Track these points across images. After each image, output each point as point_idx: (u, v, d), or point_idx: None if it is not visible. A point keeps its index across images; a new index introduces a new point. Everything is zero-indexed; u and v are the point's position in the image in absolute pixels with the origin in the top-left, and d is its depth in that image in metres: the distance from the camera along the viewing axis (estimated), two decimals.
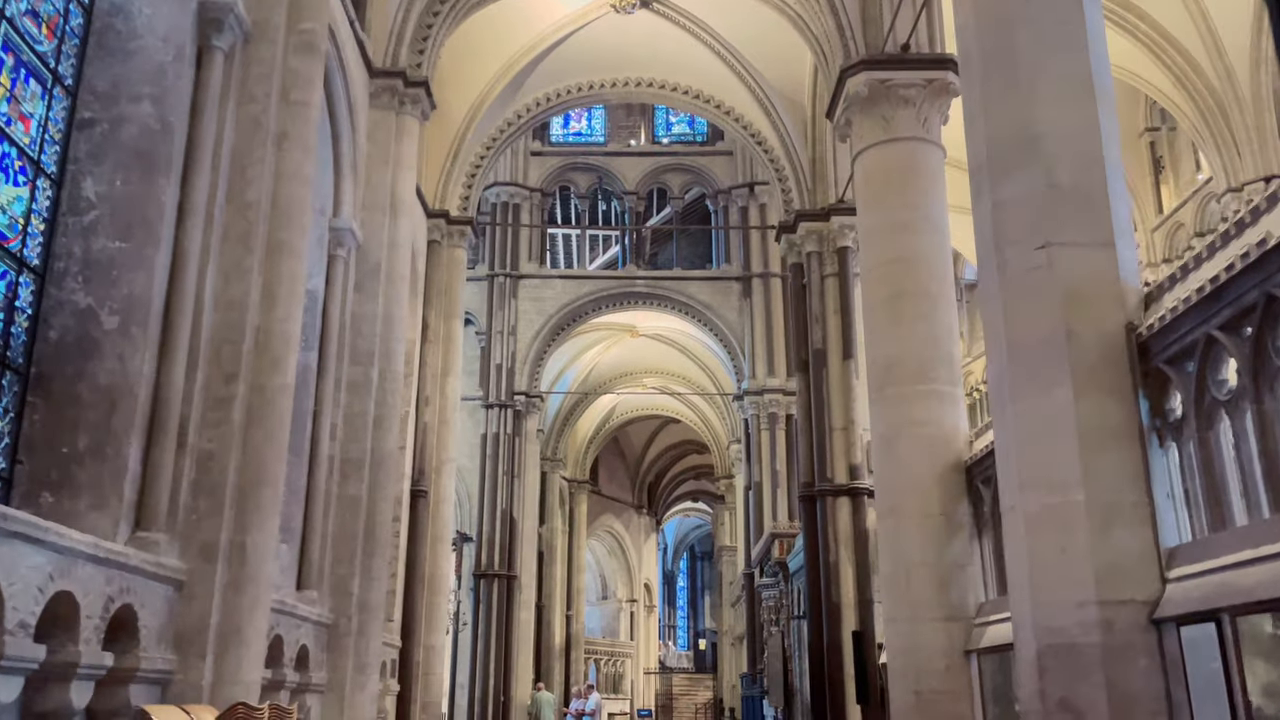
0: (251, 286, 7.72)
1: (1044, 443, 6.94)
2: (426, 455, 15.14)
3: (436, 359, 15.61)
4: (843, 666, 14.18)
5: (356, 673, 10.67)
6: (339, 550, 10.90)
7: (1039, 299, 7.17)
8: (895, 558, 10.77)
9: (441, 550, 15.10)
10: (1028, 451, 7.07)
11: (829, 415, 15.13)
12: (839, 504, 14.76)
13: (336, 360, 11.26)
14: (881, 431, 11.21)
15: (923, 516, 10.60)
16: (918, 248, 11.43)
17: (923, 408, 10.94)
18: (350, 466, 11.17)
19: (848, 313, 15.35)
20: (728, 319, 26.36)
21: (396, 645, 14.11)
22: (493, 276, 26.31)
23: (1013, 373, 7.26)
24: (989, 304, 7.66)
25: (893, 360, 11.21)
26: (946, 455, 10.79)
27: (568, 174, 27.69)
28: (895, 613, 10.71)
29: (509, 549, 24.61)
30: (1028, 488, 7.00)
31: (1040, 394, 7.02)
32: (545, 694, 23.96)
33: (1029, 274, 7.26)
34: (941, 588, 10.39)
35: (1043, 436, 6.96)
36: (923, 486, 10.68)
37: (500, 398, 25.47)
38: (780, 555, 19.02)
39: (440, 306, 15.85)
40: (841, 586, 14.46)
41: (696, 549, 59.30)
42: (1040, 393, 7.02)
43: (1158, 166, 27.97)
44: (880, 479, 11.26)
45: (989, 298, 7.65)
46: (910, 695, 10.35)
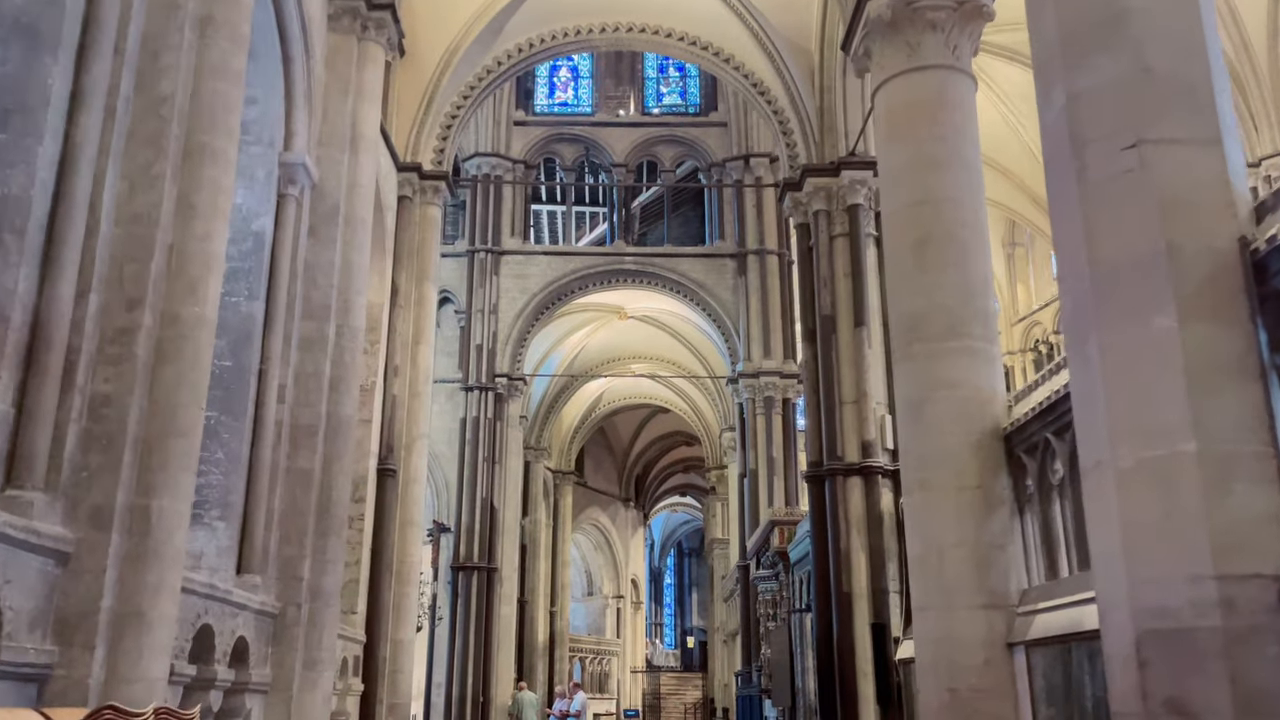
0: (164, 196, 6.29)
1: (1141, 383, 5.57)
2: (395, 431, 13.71)
3: (407, 326, 14.19)
4: (855, 663, 12.85)
5: (306, 669, 9.26)
6: (288, 529, 9.47)
7: (1130, 208, 5.79)
8: (925, 538, 9.41)
9: (412, 536, 13.68)
10: (1119, 394, 5.69)
11: (839, 388, 13.79)
12: (850, 484, 13.41)
13: (287, 313, 9.84)
14: (907, 395, 9.85)
15: (957, 490, 9.24)
16: (948, 187, 10.05)
17: (955, 367, 9.57)
18: (302, 434, 9.75)
19: (859, 276, 14.02)
20: (721, 298, 24.99)
21: (360, 640, 12.69)
22: (473, 252, 24.86)
23: (1097, 300, 5.88)
24: (1063, 221, 6.28)
25: (920, 315, 9.83)
26: (983, 421, 9.43)
27: (553, 145, 26.26)
28: (925, 600, 9.35)
29: (489, 540, 23.17)
30: (1121, 439, 5.63)
31: (1135, 324, 5.65)
32: (527, 694, 22.55)
33: (1116, 179, 5.88)
34: (979, 571, 9.03)
35: (1139, 375, 5.59)
36: (956, 456, 9.32)
37: (480, 380, 24.03)
38: (781, 544, 17.68)
39: (412, 269, 14.43)
40: (854, 575, 13.12)
41: (684, 545, 58.01)
42: (1135, 322, 5.65)
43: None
44: (906, 449, 9.90)
45: (1063, 213, 6.27)
46: (943, 694, 8.98)
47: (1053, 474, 8.74)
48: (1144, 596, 5.42)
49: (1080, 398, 6.14)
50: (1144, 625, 5.38)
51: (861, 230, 14.19)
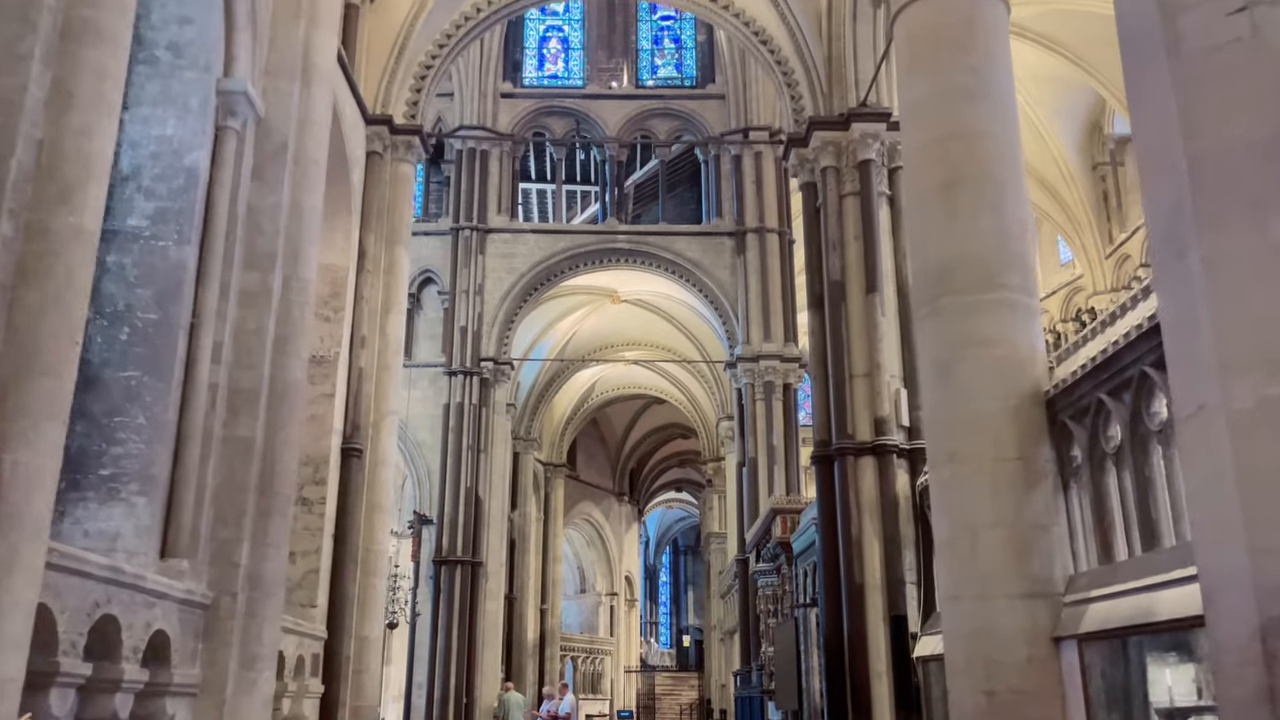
0: (30, 81, 5.04)
1: (1262, 301, 4.37)
2: (362, 407, 12.46)
3: (376, 293, 12.93)
4: (868, 662, 11.63)
5: (243, 668, 8.00)
6: (223, 508, 8.22)
7: (1241, 84, 4.58)
8: (955, 517, 8.18)
9: (379, 522, 12.43)
10: (1233, 317, 4.46)
11: (849, 360, 12.56)
12: (862, 465, 12.18)
13: (224, 262, 8.58)
14: (934, 355, 8.61)
15: (992, 462, 8.01)
16: (980, 119, 8.82)
17: (990, 322, 8.34)
18: (241, 400, 8.49)
19: (871, 238, 12.79)
20: (719, 278, 23.74)
21: (320, 636, 11.45)
22: (457, 230, 23.59)
23: (1200, 201, 4.64)
24: (1151, 110, 5.02)
25: (949, 264, 8.58)
26: (1021, 383, 8.20)
27: (541, 119, 24.99)
28: (956, 589, 8.12)
29: (474, 532, 21.91)
30: (1235, 374, 4.38)
31: (1252, 227, 4.43)
32: (514, 695, 21.31)
33: (1220, 51, 4.66)
34: (1020, 555, 7.81)
35: (1259, 292, 4.38)
36: (991, 424, 8.09)
37: (465, 364, 22.76)
38: (783, 534, 16.45)
39: (381, 230, 13.17)
40: (866, 565, 11.89)
41: (680, 542, 56.79)
42: (1252, 225, 4.43)
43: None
44: (932, 417, 8.66)
45: (1150, 100, 5.01)
46: (977, 697, 7.75)
47: (1106, 441, 7.52)
48: (1272, 571, 4.20)
49: (1175, 326, 4.89)
50: (1274, 609, 4.16)
51: (873, 188, 12.97)
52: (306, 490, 11.78)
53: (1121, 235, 26.95)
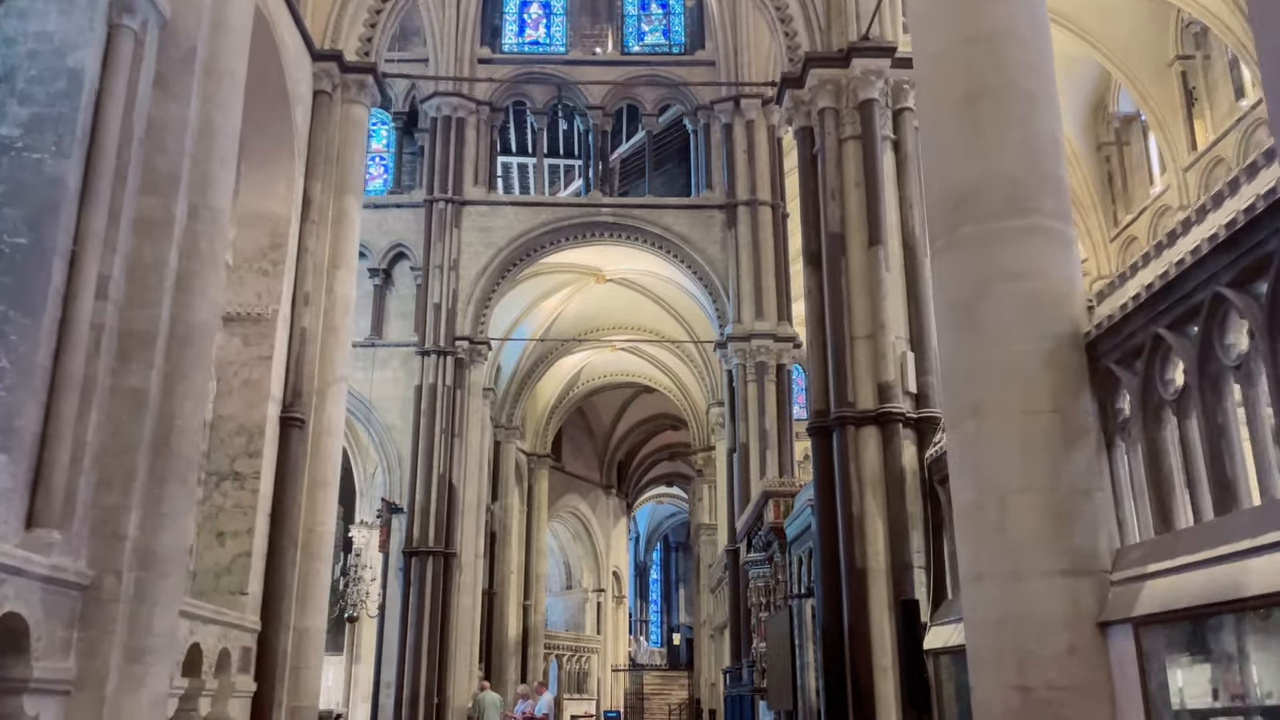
0: None
1: None
2: (304, 371, 11.13)
3: (322, 246, 11.60)
4: (871, 655, 10.33)
5: (129, 661, 6.68)
6: (108, 470, 6.89)
7: None
8: (979, 481, 6.89)
9: (324, 500, 11.09)
10: None
11: (849, 320, 11.26)
12: (864, 436, 10.89)
13: (116, 182, 7.24)
14: (953, 294, 7.31)
15: (1023, 416, 6.73)
16: (1005, 19, 7.52)
17: (1020, 252, 7.05)
18: (133, 344, 7.15)
19: (874, 186, 11.50)
20: (709, 254, 22.42)
21: (252, 628, 10.11)
22: (431, 202, 22.21)
23: None
24: None
25: (972, 187, 7.29)
26: (1057, 323, 6.92)
27: (522, 86, 23.62)
28: (981, 565, 6.82)
29: (447, 522, 20.55)
30: None
31: None
32: (490, 695, 19.96)
33: None
34: (1057, 525, 6.54)
35: None
36: (1022, 371, 6.82)
37: (438, 343, 21.39)
38: (775, 519, 15.15)
39: (330, 178, 11.84)
40: (868, 547, 10.60)
41: (671, 539, 55.48)
42: None
43: (1190, 99, 24.72)
44: (952, 366, 7.36)
45: None
46: (1008, 694, 6.46)
47: (1164, 386, 6.23)
48: None
49: None
50: None
51: (876, 131, 11.68)
52: (239, 463, 10.47)
53: (1127, 217, 25.77)
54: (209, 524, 10.23)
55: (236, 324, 10.80)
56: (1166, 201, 24.47)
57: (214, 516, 10.25)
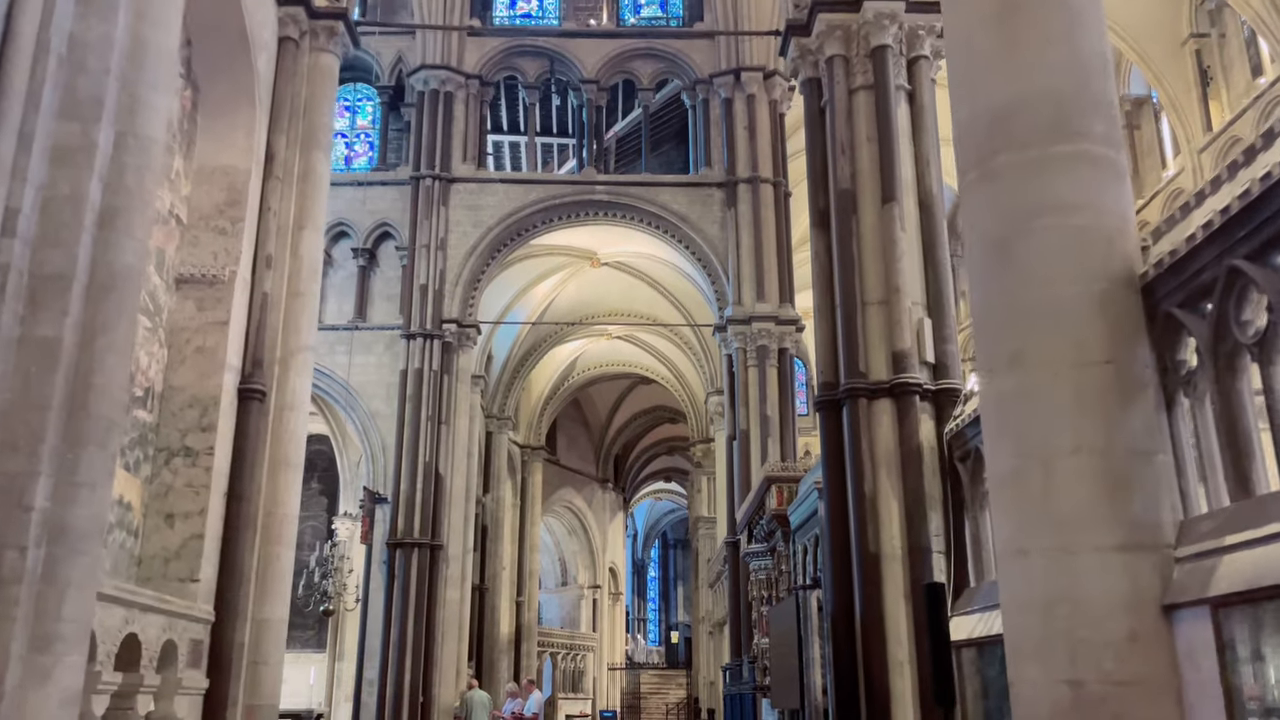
0: None
1: None
2: (265, 340, 10.20)
3: (287, 205, 10.66)
4: (885, 648, 9.39)
5: (34, 651, 5.74)
6: (11, 431, 5.94)
7: None
8: (1021, 443, 5.94)
9: (287, 480, 10.13)
10: None
11: (860, 284, 10.32)
12: (877, 410, 9.95)
13: (27, 105, 6.31)
14: (988, 231, 6.36)
15: (1073, 368, 5.79)
16: None
17: (1066, 182, 6.10)
18: (46, 288, 6.21)
19: (888, 138, 10.56)
20: (708, 234, 21.47)
21: (204, 619, 9.17)
22: (418, 179, 21.26)
23: None
24: None
25: (1008, 109, 6.33)
26: (1109, 262, 5.97)
27: (512, 59, 22.65)
28: (1023, 539, 5.87)
29: (433, 512, 19.60)
30: None
31: None
32: (478, 693, 18.99)
33: None
34: (1113, 492, 5.59)
35: None
36: (1070, 316, 5.87)
37: (425, 326, 20.45)
38: (778, 505, 14.21)
39: (295, 132, 10.91)
40: (882, 530, 9.66)
41: (669, 536, 54.55)
42: None
43: (1205, 78, 23.74)
44: (986, 312, 6.41)
45: None
46: (1058, 690, 5.51)
47: (1241, 329, 5.29)
48: None
49: None
50: None
51: (889, 81, 10.74)
52: (191, 438, 9.53)
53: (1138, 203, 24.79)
54: (157, 504, 9.30)
55: (190, 286, 9.88)
56: (1181, 184, 23.59)
57: (162, 496, 9.32)
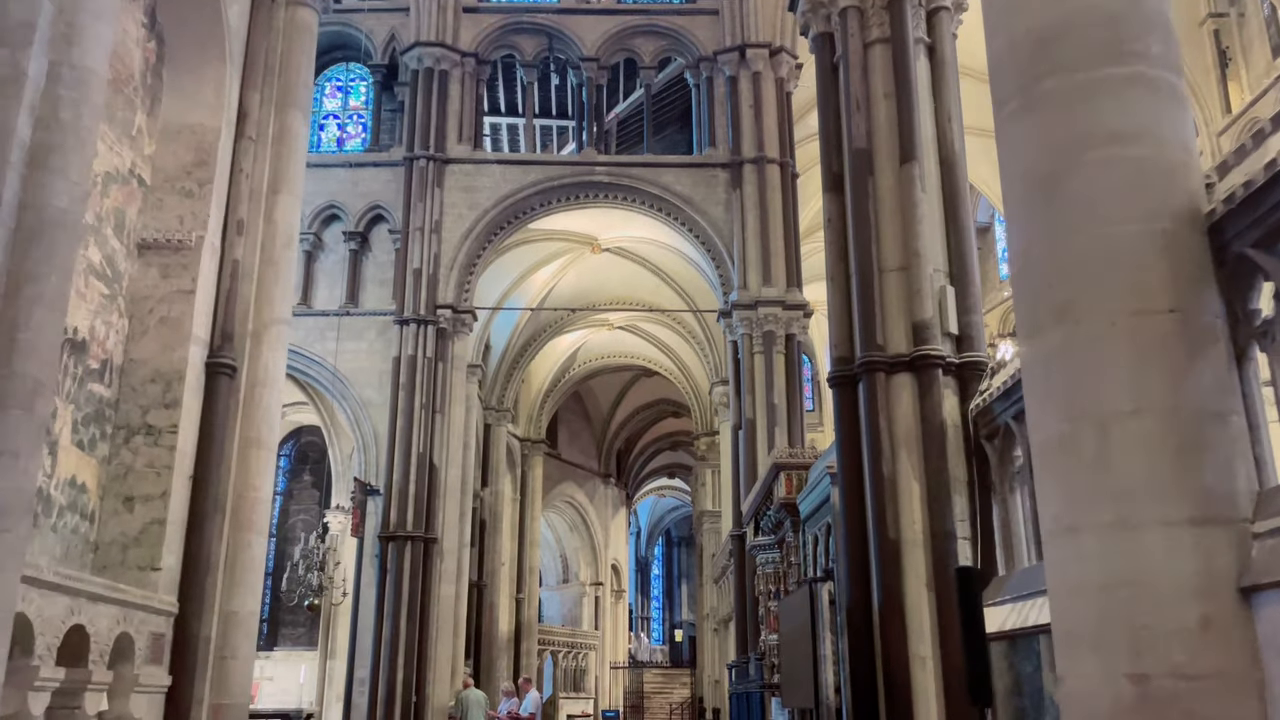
0: None
1: None
2: (236, 310, 9.47)
3: (261, 167, 9.93)
4: (906, 642, 8.64)
5: None
6: None
7: None
8: (1071, 405, 5.17)
9: (259, 462, 9.39)
10: None
11: (878, 250, 9.57)
12: (896, 385, 9.20)
13: None
14: (1031, 166, 5.59)
15: (1132, 317, 5.02)
16: None
17: (1121, 109, 5.34)
18: None
19: (906, 96, 9.80)
20: (712, 216, 20.72)
21: (166, 610, 8.44)
22: (411, 160, 20.53)
23: None
24: None
25: (1054, 28, 5.55)
26: (1172, 198, 5.20)
27: (510, 37, 21.92)
28: (1074, 514, 5.09)
29: (427, 505, 18.88)
30: None
31: None
32: (474, 692, 18.28)
33: None
34: (1181, 458, 4.83)
35: None
36: (1130, 259, 5.10)
37: (418, 311, 19.72)
38: (787, 494, 13.46)
39: (271, 90, 10.18)
40: (902, 515, 8.90)
41: (673, 533, 53.78)
42: None
43: (1224, 59, 22.88)
44: (1031, 258, 5.64)
45: None
46: (1118, 685, 4.74)
47: None
48: None
49: None
50: None
51: (908, 33, 9.99)
52: (153, 415, 8.81)
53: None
54: (115, 486, 8.58)
55: (153, 252, 9.15)
56: None
57: (121, 477, 8.60)
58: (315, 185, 20.43)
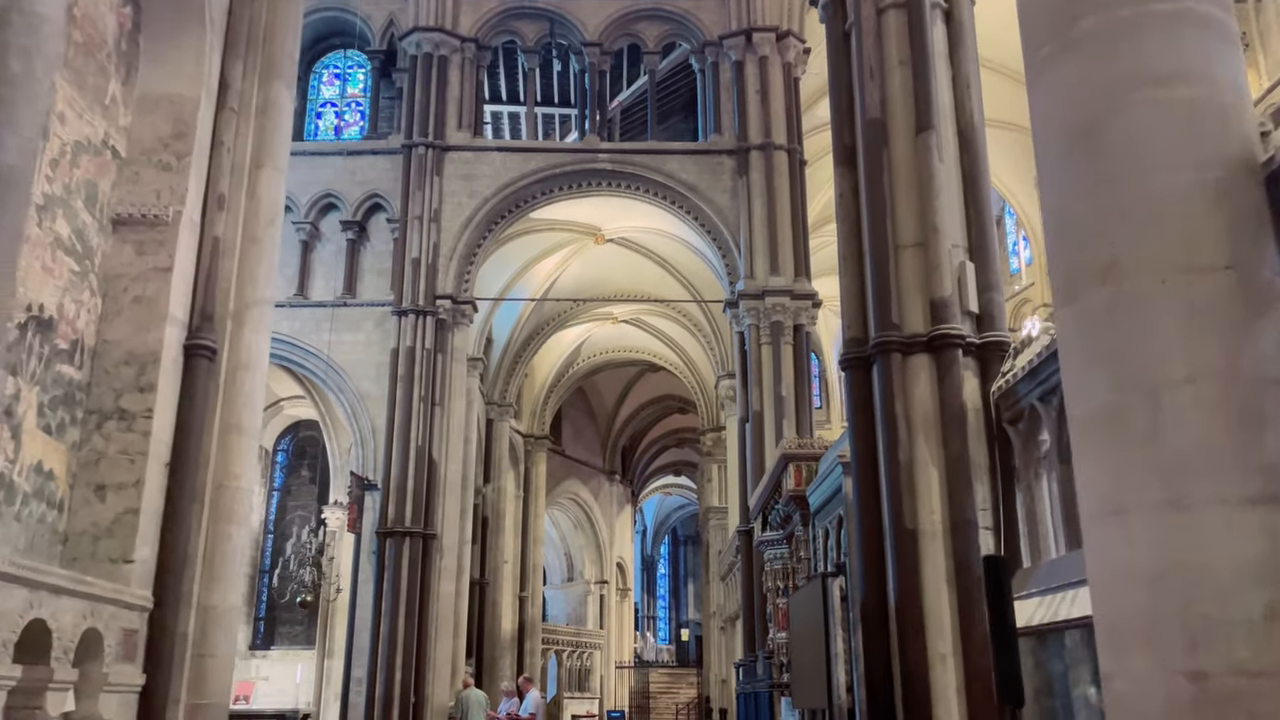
0: None
1: None
2: (217, 290, 8.98)
3: (244, 140, 9.44)
4: (925, 639, 8.12)
5: None
6: None
7: None
8: (1117, 372, 4.65)
9: (240, 449, 8.90)
10: None
11: (893, 225, 9.05)
12: (913, 367, 8.67)
13: None
14: (1070, 114, 5.07)
15: (1184, 275, 4.50)
16: None
17: (1167, 48, 4.82)
18: None
19: (922, 60, 9.28)
20: (718, 204, 20.20)
21: (140, 605, 7.95)
22: (410, 148, 20.05)
23: None
24: None
25: None
26: (1225, 145, 4.68)
27: (510, 21, 21.43)
28: (1120, 494, 4.57)
29: (426, 500, 18.39)
30: None
31: None
32: (475, 692, 17.79)
33: None
34: (1242, 429, 4.31)
35: None
36: (1181, 212, 4.59)
37: (417, 302, 19.24)
38: (796, 485, 12.96)
39: (254, 59, 9.69)
40: (920, 504, 8.38)
41: (680, 532, 53.28)
42: None
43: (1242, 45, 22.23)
44: (1069, 214, 5.11)
45: None
46: (1174, 682, 4.21)
47: None
48: None
49: None
50: None
51: None
52: (126, 399, 8.33)
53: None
54: (86, 474, 8.10)
55: (129, 228, 8.67)
56: None
57: (93, 465, 8.12)
58: (312, 174, 20.04)
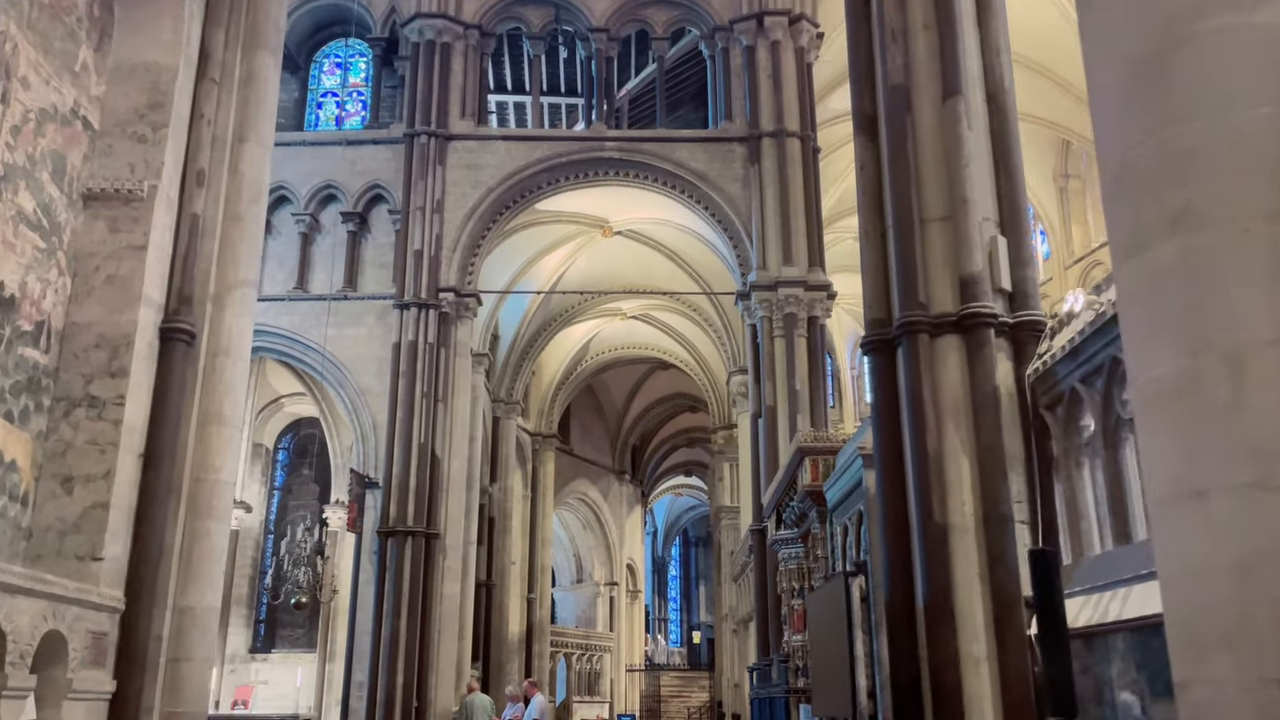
0: None
1: None
2: (195, 270, 8.44)
3: (225, 113, 8.90)
4: (956, 641, 7.50)
5: None
6: None
7: None
8: (1191, 335, 4.01)
9: (220, 441, 8.34)
10: None
11: (918, 197, 8.43)
12: (942, 348, 8.05)
13: None
14: (1129, 48, 4.44)
15: (1268, 222, 3.88)
16: None
17: None
18: None
19: (948, 23, 8.66)
20: (729, 193, 19.61)
21: (110, 606, 7.40)
22: (412, 137, 19.52)
23: None
24: None
25: None
26: None
27: (515, 7, 20.87)
28: (1198, 475, 3.93)
29: (429, 498, 17.84)
30: None
31: None
32: (479, 697, 17.19)
33: None
34: None
35: None
36: (1260, 151, 3.94)
37: (419, 295, 18.70)
38: (813, 481, 12.33)
39: (237, 28, 9.15)
40: (950, 496, 7.76)
41: (690, 533, 52.67)
42: None
43: None
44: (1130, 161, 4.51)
45: None
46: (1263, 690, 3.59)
47: None
48: None
49: None
50: None
51: None
52: (97, 385, 7.78)
53: None
54: (53, 465, 7.56)
55: (101, 204, 8.13)
56: None
57: (60, 455, 7.58)
58: (312, 164, 19.56)
